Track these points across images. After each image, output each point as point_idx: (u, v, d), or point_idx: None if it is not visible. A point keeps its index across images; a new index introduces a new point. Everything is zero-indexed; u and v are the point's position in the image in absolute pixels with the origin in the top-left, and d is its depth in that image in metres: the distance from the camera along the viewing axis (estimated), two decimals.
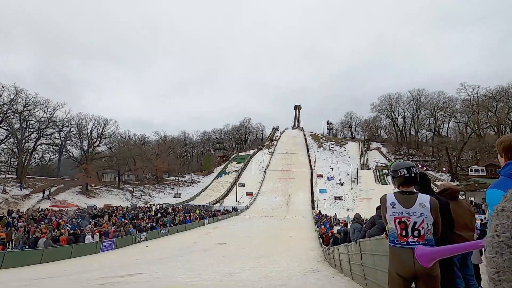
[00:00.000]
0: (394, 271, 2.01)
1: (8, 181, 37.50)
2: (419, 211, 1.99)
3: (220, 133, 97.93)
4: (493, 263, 0.64)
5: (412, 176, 2.12)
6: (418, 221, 1.97)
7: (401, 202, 2.05)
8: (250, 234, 25.55)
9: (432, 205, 2.01)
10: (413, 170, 2.14)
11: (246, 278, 7.09)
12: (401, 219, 2.00)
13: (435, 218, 2.00)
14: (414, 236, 1.96)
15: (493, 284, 0.65)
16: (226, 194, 57.99)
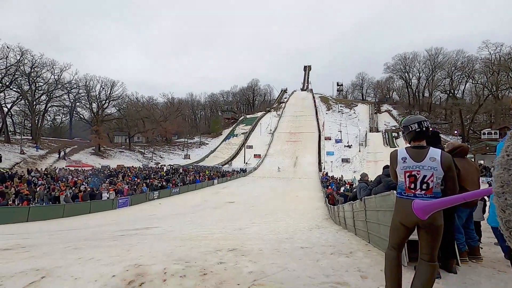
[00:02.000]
0: (398, 221, 2.08)
1: (24, 142, 38.84)
2: (429, 165, 2.01)
3: (227, 95, 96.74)
4: (499, 179, 0.70)
5: (424, 130, 2.11)
6: (428, 174, 2.00)
7: (412, 156, 2.07)
8: (258, 194, 26.48)
9: (443, 159, 2.02)
10: (424, 124, 2.12)
11: (254, 232, 7.48)
12: (411, 173, 2.04)
13: (446, 172, 2.01)
14: (422, 189, 2.01)
15: (497, 197, 0.71)
16: (234, 156, 59.08)
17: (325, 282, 2.82)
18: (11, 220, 12.18)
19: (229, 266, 3.35)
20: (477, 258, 3.45)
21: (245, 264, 3.41)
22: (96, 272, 3.16)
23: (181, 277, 2.96)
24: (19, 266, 3.35)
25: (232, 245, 4.77)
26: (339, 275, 3.00)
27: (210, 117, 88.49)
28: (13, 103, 40.93)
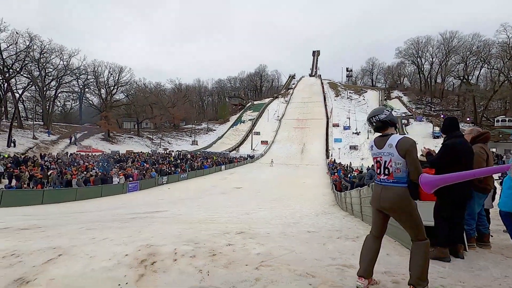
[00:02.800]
0: (372, 205, 2.33)
1: (36, 127, 39.66)
2: (387, 151, 2.14)
3: (235, 81, 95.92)
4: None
5: (375, 124, 2.26)
6: (387, 160, 2.14)
7: (376, 144, 2.25)
8: (265, 180, 26.69)
9: (399, 145, 2.09)
10: (374, 120, 2.25)
11: (261, 217, 7.60)
12: (376, 159, 2.24)
13: (404, 156, 2.08)
14: (385, 174, 2.17)
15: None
16: (241, 142, 59.26)
17: (332, 264, 2.87)
18: (27, 203, 12.63)
19: (237, 247, 3.43)
20: (486, 244, 3.45)
21: (253, 246, 3.49)
22: (109, 251, 3.28)
23: (191, 257, 3.05)
24: (37, 245, 3.51)
25: (240, 228, 4.87)
26: (345, 258, 3.05)
27: (218, 103, 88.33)
28: (24, 88, 41.57)
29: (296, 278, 2.53)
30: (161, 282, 2.46)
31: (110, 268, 2.80)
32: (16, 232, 4.39)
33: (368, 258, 2.27)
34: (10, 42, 37.28)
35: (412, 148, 2.09)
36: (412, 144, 2.10)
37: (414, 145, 2.11)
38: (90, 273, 2.69)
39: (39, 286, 2.40)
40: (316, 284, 2.37)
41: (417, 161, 2.08)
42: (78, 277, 2.59)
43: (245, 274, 2.61)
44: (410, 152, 2.07)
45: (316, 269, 2.72)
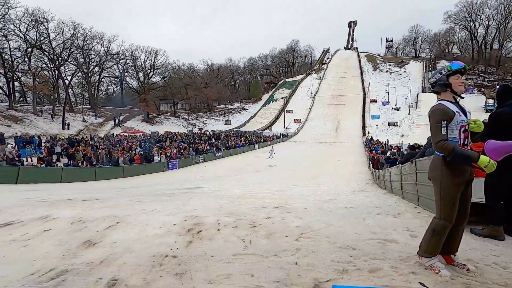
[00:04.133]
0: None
1: (84, 111, 43.06)
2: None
3: (266, 58, 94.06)
4: None
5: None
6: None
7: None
8: (299, 158, 26.59)
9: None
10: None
11: (297, 193, 7.67)
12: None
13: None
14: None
15: None
16: (274, 121, 59.02)
17: (373, 238, 2.86)
18: (82, 179, 14.05)
19: (276, 220, 3.55)
20: None
21: (291, 220, 3.58)
22: (159, 220, 3.59)
23: (233, 228, 3.24)
24: (97, 214, 3.94)
25: (277, 203, 4.99)
26: (386, 233, 3.02)
27: (250, 82, 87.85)
28: (72, 75, 44.88)
29: (336, 250, 2.58)
30: (208, 248, 2.66)
31: (161, 235, 3.08)
32: (79, 203, 4.96)
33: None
34: (57, 32, 40.09)
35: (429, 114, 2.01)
36: (432, 110, 1.99)
37: (432, 113, 1.99)
38: (144, 238, 2.99)
39: (103, 248, 2.73)
40: (357, 256, 2.39)
41: (433, 129, 1.97)
42: (135, 242, 2.89)
43: (286, 245, 2.71)
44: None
45: (356, 243, 2.73)
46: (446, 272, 2.00)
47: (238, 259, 2.41)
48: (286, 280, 2.04)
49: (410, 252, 2.43)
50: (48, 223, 3.52)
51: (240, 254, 2.52)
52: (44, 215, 3.80)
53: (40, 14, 37.44)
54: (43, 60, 40.11)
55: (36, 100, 37.31)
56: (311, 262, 2.33)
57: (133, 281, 2.05)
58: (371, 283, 1.96)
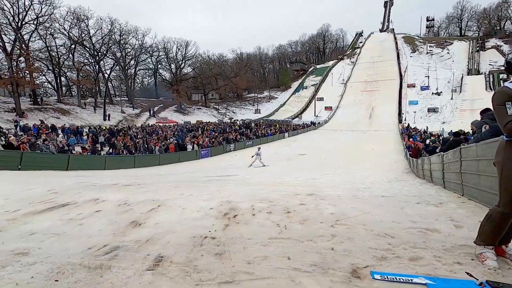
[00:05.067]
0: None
1: (122, 103, 45.58)
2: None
3: (296, 45, 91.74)
4: None
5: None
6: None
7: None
8: (330, 147, 26.01)
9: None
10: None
11: (329, 181, 7.57)
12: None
13: None
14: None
15: None
16: (304, 109, 58.00)
17: (412, 227, 2.76)
18: (123, 166, 15.03)
19: (310, 207, 3.56)
20: None
21: (325, 207, 3.56)
22: (197, 204, 3.77)
23: (267, 213, 3.31)
24: (140, 197, 4.24)
25: (309, 190, 4.98)
26: (428, 223, 2.89)
27: (279, 70, 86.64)
28: (111, 69, 47.54)
29: (373, 238, 2.53)
30: (245, 231, 2.76)
31: (199, 218, 3.24)
32: (123, 187, 5.35)
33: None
34: (96, 28, 42.46)
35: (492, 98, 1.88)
36: (495, 93, 1.88)
37: (494, 96, 1.87)
38: (184, 220, 3.17)
39: (148, 228, 2.95)
40: (396, 244, 2.34)
41: (498, 112, 1.83)
42: (176, 223, 3.08)
43: (321, 231, 2.72)
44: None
45: (395, 231, 2.66)
46: (492, 263, 1.89)
47: (274, 243, 2.47)
48: (323, 264, 2.06)
49: (455, 242, 2.32)
50: (98, 205, 3.86)
51: (276, 238, 2.58)
52: (95, 197, 4.17)
53: (81, 12, 39.84)
54: (85, 55, 42.83)
55: (80, 94, 40.20)
56: (347, 248, 2.33)
57: (177, 258, 2.20)
58: (412, 271, 1.91)
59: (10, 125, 23.74)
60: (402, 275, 1.83)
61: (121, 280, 1.90)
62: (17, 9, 30.30)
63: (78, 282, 1.88)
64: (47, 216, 3.38)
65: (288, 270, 1.99)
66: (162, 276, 1.95)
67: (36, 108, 31.99)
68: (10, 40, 30.17)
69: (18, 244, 2.52)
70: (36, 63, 33.27)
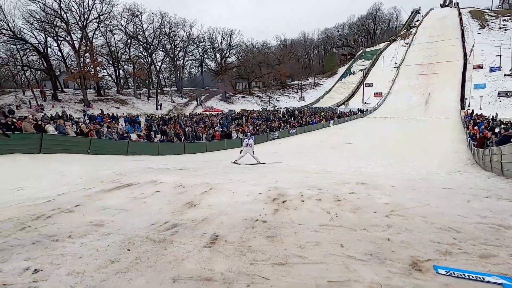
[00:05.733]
0: None
1: (172, 93, 48.25)
2: None
3: (343, 28, 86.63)
4: None
5: None
6: None
7: None
8: (379, 135, 24.50)
9: None
10: None
11: (379, 171, 7.17)
12: None
13: None
14: None
15: None
16: (351, 95, 55.20)
17: (482, 222, 2.50)
18: (174, 152, 16.04)
19: (361, 196, 3.43)
20: None
21: (378, 196, 3.40)
22: (246, 189, 3.88)
23: (317, 200, 3.27)
24: (193, 181, 4.50)
25: (359, 179, 4.78)
26: (501, 218, 2.59)
27: (324, 56, 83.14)
28: (162, 61, 50.38)
29: (435, 231, 2.36)
30: (295, 217, 2.77)
31: (249, 202, 3.34)
32: (177, 171, 5.73)
33: None
34: (148, 22, 45.12)
35: None
36: None
37: None
38: (235, 204, 3.30)
39: (202, 209, 3.13)
40: (463, 239, 2.15)
41: None
42: (227, 206, 3.22)
43: (375, 220, 2.61)
44: None
45: (460, 225, 2.44)
46: None
47: (325, 229, 2.44)
48: (379, 254, 1.99)
49: None
50: (156, 186, 4.20)
51: (327, 225, 2.55)
52: (153, 179, 4.55)
53: (135, 8, 42.59)
54: (139, 49, 45.94)
55: (135, 85, 43.51)
56: (405, 239, 2.21)
57: (231, 238, 2.31)
58: (483, 269, 1.75)
59: (79, 115, 26.79)
60: (472, 272, 1.69)
61: (182, 253, 2.07)
62: (83, 9, 33.54)
63: (146, 252, 2.09)
64: (115, 194, 3.79)
65: (342, 257, 1.97)
66: (219, 253, 2.07)
67: (99, 99, 35.56)
68: (78, 38, 33.66)
69: (94, 217, 2.88)
70: (99, 58, 36.74)
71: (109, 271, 1.83)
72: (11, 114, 19.57)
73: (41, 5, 31.06)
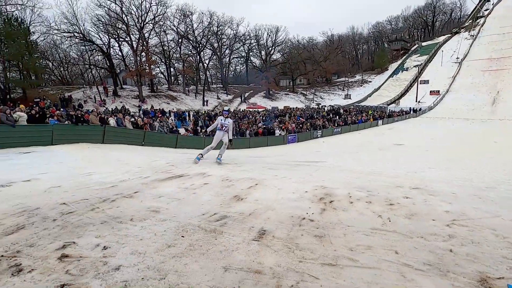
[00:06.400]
0: None
1: (218, 89, 49.89)
2: None
3: (396, 21, 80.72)
4: None
5: None
6: None
7: None
8: (434, 137, 22.49)
9: None
10: None
11: (436, 176, 6.58)
12: None
13: None
14: None
15: None
16: (403, 93, 51.46)
17: None
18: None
19: (417, 201, 3.19)
20: None
21: (437, 203, 3.13)
22: (291, 186, 3.87)
23: (367, 203, 3.13)
24: (239, 175, 4.61)
25: (413, 184, 4.45)
26: None
27: (374, 51, 78.49)
28: (209, 59, 52.35)
29: (507, 246, 2.10)
30: (343, 218, 2.69)
31: (295, 199, 3.32)
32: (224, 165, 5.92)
33: None
34: (198, 22, 47.13)
35: None
36: None
37: None
38: (281, 200, 3.30)
39: (249, 203, 3.19)
40: None
41: None
42: (273, 201, 3.24)
43: (434, 229, 2.41)
44: None
45: None
46: None
47: (377, 234, 2.33)
48: (440, 266, 1.84)
49: None
50: (205, 178, 4.40)
51: (379, 229, 2.42)
52: (202, 172, 4.77)
53: (186, 9, 44.79)
54: (188, 48, 48.29)
55: (184, 82, 45.90)
56: (471, 252, 2.00)
57: (279, 233, 2.33)
58: None
59: (135, 109, 29.16)
60: None
61: (232, 244, 2.14)
62: (140, 12, 36.28)
63: (198, 240, 2.21)
64: (168, 184, 4.06)
65: (397, 264, 1.86)
66: (267, 247, 2.10)
67: (152, 95, 38.26)
68: (135, 39, 36.56)
69: (151, 203, 3.12)
70: (153, 57, 39.49)
71: (166, 254, 1.98)
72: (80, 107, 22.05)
73: (106, 9, 34.32)
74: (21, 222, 2.58)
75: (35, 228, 2.45)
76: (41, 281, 1.69)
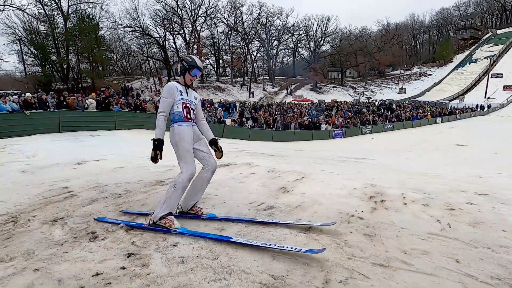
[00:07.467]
0: None
1: (264, 81, 50.04)
2: None
3: (466, 6, 71.60)
4: None
5: None
6: None
7: None
8: (506, 139, 19.77)
9: None
10: None
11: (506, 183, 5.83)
12: None
13: None
14: None
15: None
16: (469, 88, 46.02)
17: None
18: (263, 139, 16.76)
19: (484, 209, 2.88)
20: None
21: (509, 213, 2.79)
22: (339, 182, 3.77)
23: (423, 205, 2.91)
24: (285, 167, 4.63)
25: (479, 189, 4.01)
26: None
27: (437, 41, 70.94)
28: (257, 50, 52.58)
29: None
30: (396, 219, 2.55)
31: (343, 196, 3.23)
32: (270, 156, 6.00)
33: None
34: (247, 14, 47.48)
35: None
36: None
37: None
38: (328, 195, 3.25)
39: (296, 196, 3.20)
40: None
41: None
42: (320, 196, 3.19)
43: (505, 241, 2.17)
44: None
45: None
46: None
47: (435, 239, 2.17)
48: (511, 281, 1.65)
49: None
50: (252, 168, 4.50)
51: (437, 234, 2.25)
52: (249, 162, 4.89)
53: (237, 1, 45.35)
54: (237, 40, 49.05)
55: (232, 74, 46.92)
56: None
57: (326, 228, 2.31)
58: None
59: None
60: None
61: (280, 234, 2.18)
62: (194, 5, 37.77)
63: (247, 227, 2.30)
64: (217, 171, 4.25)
65: (458, 274, 1.72)
66: (314, 241, 2.10)
67: (202, 86, 39.92)
68: (188, 32, 38.29)
69: None
70: (204, 49, 41.01)
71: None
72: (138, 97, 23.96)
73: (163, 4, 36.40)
74: (94, 196, 2.95)
75: (105, 202, 2.78)
76: (112, 249, 1.92)
